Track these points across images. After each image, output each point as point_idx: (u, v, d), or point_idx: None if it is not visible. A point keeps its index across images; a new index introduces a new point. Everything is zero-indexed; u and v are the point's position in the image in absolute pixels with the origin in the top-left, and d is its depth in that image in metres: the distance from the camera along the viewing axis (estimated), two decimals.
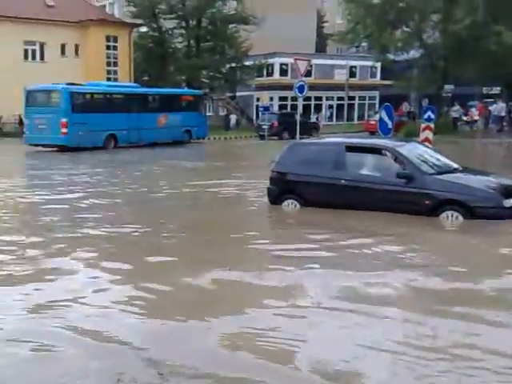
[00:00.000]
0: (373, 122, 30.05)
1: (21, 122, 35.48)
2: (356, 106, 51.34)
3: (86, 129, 24.35)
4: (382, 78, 50.82)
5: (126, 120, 26.33)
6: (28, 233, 8.55)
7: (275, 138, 31.90)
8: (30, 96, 25.60)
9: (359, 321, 4.76)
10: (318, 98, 48.35)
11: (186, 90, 35.76)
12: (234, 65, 43.70)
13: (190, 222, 9.56)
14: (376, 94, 51.99)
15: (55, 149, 24.78)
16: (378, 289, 5.60)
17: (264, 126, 32.79)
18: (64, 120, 24.08)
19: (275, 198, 10.36)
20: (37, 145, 25.02)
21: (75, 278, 6.16)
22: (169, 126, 28.47)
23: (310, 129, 33.06)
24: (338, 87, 46.21)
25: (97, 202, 11.52)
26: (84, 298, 5.45)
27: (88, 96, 26.35)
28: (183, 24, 43.23)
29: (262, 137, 32.46)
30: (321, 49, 60.77)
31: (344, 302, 5.19)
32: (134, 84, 31.96)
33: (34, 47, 37.49)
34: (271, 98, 43.19)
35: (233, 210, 10.86)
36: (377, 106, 48.31)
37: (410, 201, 8.92)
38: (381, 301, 5.21)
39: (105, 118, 25.31)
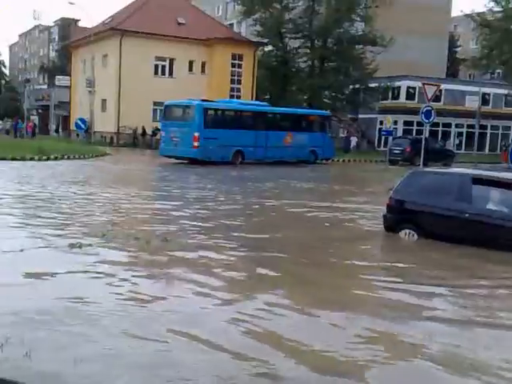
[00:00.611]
0: None
1: (143, 133, 40.04)
2: (488, 136, 51.53)
3: (215, 143, 27.12)
4: None
5: (254, 137, 29.04)
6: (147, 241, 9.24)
7: (401, 163, 32.73)
8: (167, 110, 28.89)
9: None
10: (447, 125, 49.24)
11: (312, 110, 37.90)
12: (357, 86, 45.85)
13: (299, 246, 9.71)
14: (511, 124, 52.13)
15: (186, 161, 27.67)
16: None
17: (395, 151, 33.95)
18: (196, 134, 26.95)
19: (391, 225, 10.59)
20: (170, 156, 28.27)
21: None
22: (294, 145, 30.82)
23: (444, 157, 33.52)
24: (469, 114, 46.70)
25: (221, 220, 12.07)
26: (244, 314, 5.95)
27: (220, 112, 29.45)
28: (308, 44, 45.99)
29: (393, 162, 33.18)
30: (452, 74, 61.96)
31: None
32: (263, 103, 34.59)
33: (163, 63, 41.96)
34: (395, 122, 44.47)
35: (347, 235, 11.03)
36: (511, 137, 48.79)
37: None
38: None
39: (234, 134, 28.03)
